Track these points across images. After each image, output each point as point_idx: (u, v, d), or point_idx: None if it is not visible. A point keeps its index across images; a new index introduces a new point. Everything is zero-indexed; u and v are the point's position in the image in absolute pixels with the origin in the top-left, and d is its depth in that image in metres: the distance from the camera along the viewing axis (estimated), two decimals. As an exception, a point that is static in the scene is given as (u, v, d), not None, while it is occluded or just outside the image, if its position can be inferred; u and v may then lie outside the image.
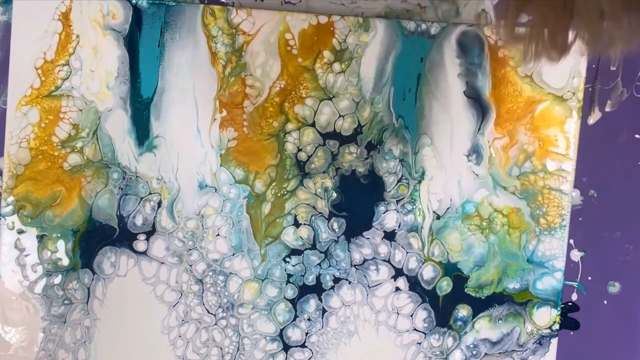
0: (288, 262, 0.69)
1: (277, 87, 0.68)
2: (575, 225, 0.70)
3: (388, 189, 0.69)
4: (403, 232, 0.69)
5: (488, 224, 0.69)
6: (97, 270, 0.68)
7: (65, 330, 0.68)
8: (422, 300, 0.70)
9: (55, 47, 0.67)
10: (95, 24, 0.67)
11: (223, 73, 0.68)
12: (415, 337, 0.70)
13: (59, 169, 0.67)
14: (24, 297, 0.68)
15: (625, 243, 0.70)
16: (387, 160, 0.69)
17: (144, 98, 0.68)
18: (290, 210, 0.69)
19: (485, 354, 0.70)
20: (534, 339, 0.70)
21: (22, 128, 0.67)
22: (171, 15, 0.67)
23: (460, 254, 0.69)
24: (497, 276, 0.70)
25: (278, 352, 0.70)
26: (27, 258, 0.68)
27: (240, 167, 0.68)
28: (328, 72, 0.68)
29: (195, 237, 0.68)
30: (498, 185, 0.69)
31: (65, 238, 0.68)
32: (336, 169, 0.69)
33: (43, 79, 0.67)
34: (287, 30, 0.67)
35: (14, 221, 0.67)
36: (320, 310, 0.69)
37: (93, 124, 0.67)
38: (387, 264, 0.69)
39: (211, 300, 0.69)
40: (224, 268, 0.69)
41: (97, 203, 0.68)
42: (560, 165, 0.69)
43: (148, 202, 0.68)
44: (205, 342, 0.69)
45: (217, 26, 0.67)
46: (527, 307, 0.70)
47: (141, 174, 0.68)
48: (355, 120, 0.68)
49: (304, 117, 0.68)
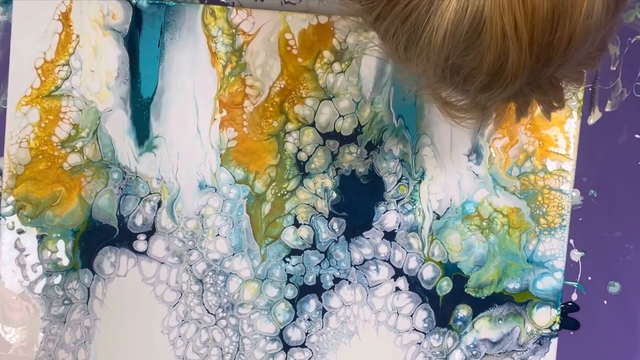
0: (288, 262, 0.69)
1: (277, 87, 0.68)
2: (575, 225, 0.70)
3: (388, 189, 0.69)
4: (403, 232, 0.69)
5: (488, 224, 0.69)
6: (97, 270, 0.68)
7: (65, 330, 0.68)
8: (422, 300, 0.70)
9: (55, 47, 0.67)
10: (95, 24, 0.67)
11: (223, 73, 0.68)
12: (415, 337, 0.70)
13: (59, 169, 0.67)
14: (24, 297, 0.68)
15: (625, 243, 0.70)
16: (387, 160, 0.69)
17: (144, 98, 0.68)
18: (290, 210, 0.69)
19: (485, 354, 0.70)
20: (534, 339, 0.70)
21: (22, 128, 0.67)
22: (171, 15, 0.67)
23: (460, 254, 0.69)
24: (497, 276, 0.70)
25: (278, 352, 0.70)
26: (27, 258, 0.68)
27: (240, 167, 0.68)
28: (328, 72, 0.68)
29: (195, 237, 0.68)
30: (498, 185, 0.69)
31: (65, 238, 0.68)
32: (336, 169, 0.69)
33: (43, 79, 0.67)
34: (287, 30, 0.67)
35: (14, 221, 0.67)
36: (320, 310, 0.69)
37: (93, 124, 0.67)
38: (387, 264, 0.69)
39: (211, 300, 0.69)
40: (224, 268, 0.69)
41: (97, 203, 0.68)
42: (560, 165, 0.69)
43: (148, 202, 0.68)
44: (205, 342, 0.69)
45: (217, 26, 0.67)
46: (527, 307, 0.70)
47: (141, 174, 0.68)
48: (355, 120, 0.68)
49: (304, 117, 0.68)
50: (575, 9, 0.41)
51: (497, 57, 0.42)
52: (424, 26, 0.43)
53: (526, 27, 0.41)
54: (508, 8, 0.40)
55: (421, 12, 0.43)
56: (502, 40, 0.41)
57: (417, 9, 0.43)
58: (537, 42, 0.42)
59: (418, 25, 0.43)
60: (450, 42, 0.43)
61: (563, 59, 0.43)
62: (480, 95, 0.46)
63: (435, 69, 0.45)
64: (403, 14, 0.44)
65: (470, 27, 0.42)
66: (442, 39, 0.42)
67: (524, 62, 0.42)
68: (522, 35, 0.41)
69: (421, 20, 0.43)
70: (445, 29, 0.42)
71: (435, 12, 0.42)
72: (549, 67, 0.44)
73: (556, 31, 0.42)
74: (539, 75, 0.45)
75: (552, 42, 0.42)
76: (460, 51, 0.43)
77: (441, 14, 0.42)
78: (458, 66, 0.44)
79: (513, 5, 0.40)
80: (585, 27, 0.42)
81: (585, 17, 0.42)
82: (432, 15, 0.42)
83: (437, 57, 0.44)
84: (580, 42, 0.43)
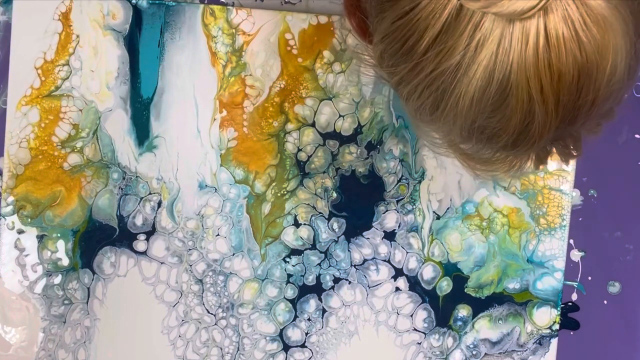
0: (288, 262, 0.69)
1: (277, 87, 0.68)
2: (575, 225, 0.70)
3: (388, 189, 0.69)
4: (403, 232, 0.69)
5: (488, 224, 0.69)
6: (97, 270, 0.68)
7: (65, 330, 0.68)
8: (422, 300, 0.70)
9: (55, 47, 0.67)
10: (95, 24, 0.67)
11: (223, 73, 0.68)
12: (415, 337, 0.70)
13: (59, 169, 0.67)
14: (24, 297, 0.68)
15: (625, 243, 0.70)
16: (387, 160, 0.69)
17: (144, 98, 0.68)
18: (290, 210, 0.69)
19: (485, 354, 0.70)
20: (534, 339, 0.70)
21: (22, 128, 0.67)
22: (171, 15, 0.67)
23: (460, 254, 0.69)
24: (497, 276, 0.70)
25: (278, 352, 0.70)
26: (27, 258, 0.68)
27: (240, 167, 0.68)
28: (328, 72, 0.68)
29: (195, 237, 0.68)
30: (498, 185, 0.69)
31: (65, 238, 0.68)
32: (336, 169, 0.69)
33: (43, 79, 0.67)
34: (287, 30, 0.67)
35: (14, 221, 0.67)
36: (320, 310, 0.69)
37: (93, 124, 0.67)
38: (387, 264, 0.69)
39: (211, 300, 0.69)
40: (224, 268, 0.69)
41: (97, 203, 0.68)
42: (560, 165, 0.69)
43: (148, 202, 0.68)
44: (205, 342, 0.69)
45: (217, 26, 0.67)
46: (527, 307, 0.70)
47: (141, 174, 0.68)
48: (355, 120, 0.68)
49: (304, 117, 0.68)
50: (599, 72, 0.41)
51: (523, 118, 0.42)
52: (451, 91, 0.43)
53: (552, 90, 0.41)
54: (534, 73, 0.41)
55: (447, 78, 0.42)
56: (529, 103, 0.42)
57: (443, 75, 0.42)
58: (563, 104, 0.42)
59: (444, 90, 0.43)
60: (477, 106, 0.43)
61: (587, 117, 0.44)
62: (504, 152, 0.47)
63: (460, 130, 0.45)
64: (428, 80, 0.43)
65: (497, 92, 0.42)
66: (469, 104, 0.43)
67: (550, 122, 0.42)
68: (548, 99, 0.41)
69: (447, 86, 0.43)
70: (472, 94, 0.42)
71: (462, 79, 0.42)
72: (574, 125, 0.44)
73: (581, 93, 0.42)
74: (563, 133, 0.45)
75: (577, 103, 0.42)
76: (487, 114, 0.43)
77: (468, 80, 0.42)
78: (483, 127, 0.44)
79: (539, 71, 0.41)
80: (609, 88, 0.43)
81: (609, 79, 0.42)
82: (459, 82, 0.42)
83: (463, 120, 0.44)
84: (603, 101, 0.43)
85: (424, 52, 0.43)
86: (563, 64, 0.41)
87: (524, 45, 0.40)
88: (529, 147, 0.45)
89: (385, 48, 0.46)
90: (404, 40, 0.44)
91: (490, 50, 0.41)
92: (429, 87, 0.44)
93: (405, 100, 0.47)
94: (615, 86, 0.43)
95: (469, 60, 0.41)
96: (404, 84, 0.46)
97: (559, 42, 0.40)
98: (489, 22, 0.40)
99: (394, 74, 0.46)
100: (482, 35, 0.41)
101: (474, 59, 0.41)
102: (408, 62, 0.44)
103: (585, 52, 0.41)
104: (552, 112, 0.42)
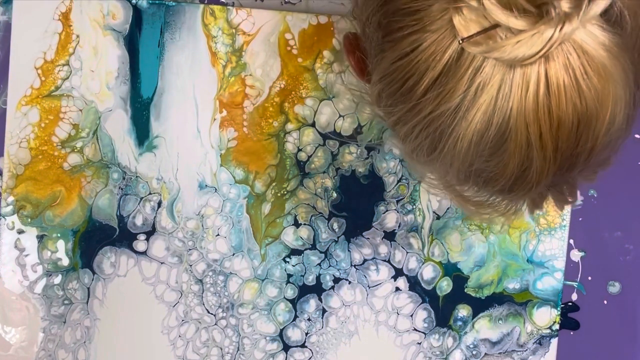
0: (288, 262, 0.69)
1: (277, 87, 0.68)
2: (575, 225, 0.70)
3: (388, 189, 0.69)
4: (403, 232, 0.69)
5: (488, 224, 0.69)
6: (97, 270, 0.68)
7: (65, 330, 0.68)
8: (422, 300, 0.70)
9: (55, 47, 0.67)
10: (95, 24, 0.67)
11: (223, 73, 0.68)
12: (415, 337, 0.70)
13: (59, 169, 0.67)
14: (24, 297, 0.68)
15: (625, 243, 0.70)
16: (387, 160, 0.69)
17: (144, 98, 0.68)
18: (290, 210, 0.69)
19: (485, 354, 0.70)
20: (534, 339, 0.70)
21: (22, 128, 0.67)
22: (171, 15, 0.67)
23: (460, 254, 0.69)
24: (497, 276, 0.70)
25: (278, 352, 0.70)
26: (27, 258, 0.68)
27: (240, 167, 0.68)
28: (328, 72, 0.68)
29: (195, 237, 0.68)
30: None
31: (65, 238, 0.68)
32: (336, 169, 0.69)
33: (43, 79, 0.67)
34: (287, 30, 0.67)
35: (14, 221, 0.67)
36: (320, 310, 0.69)
37: (93, 124, 0.67)
38: (387, 264, 0.69)
39: (211, 300, 0.69)
40: (224, 268, 0.69)
41: (97, 203, 0.68)
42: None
43: (148, 202, 0.68)
44: (205, 342, 0.69)
45: (217, 26, 0.67)
46: (527, 307, 0.70)
47: (141, 174, 0.68)
48: (355, 120, 0.68)
49: (304, 117, 0.68)
50: (599, 120, 0.41)
51: (520, 163, 0.42)
52: (449, 134, 0.43)
53: (551, 137, 0.41)
54: (534, 119, 0.40)
55: (446, 120, 0.42)
56: (527, 149, 0.41)
57: (442, 117, 0.42)
58: (561, 151, 0.42)
59: (442, 132, 0.43)
60: (475, 150, 0.43)
61: (584, 165, 0.44)
62: (500, 196, 0.46)
63: (457, 173, 0.45)
64: (426, 121, 0.43)
65: (495, 136, 0.42)
66: (467, 147, 0.42)
67: (548, 169, 0.42)
68: (546, 145, 0.41)
69: (446, 128, 0.43)
70: (470, 138, 0.42)
71: (461, 121, 0.42)
72: (571, 172, 0.44)
73: (580, 141, 0.42)
74: (561, 180, 0.45)
75: (576, 151, 0.42)
76: (485, 158, 0.43)
77: (467, 124, 0.42)
78: (480, 170, 0.44)
79: (539, 117, 0.40)
80: (607, 137, 0.43)
81: (607, 128, 0.42)
82: (458, 124, 0.42)
83: (460, 163, 0.44)
84: (602, 150, 0.43)
85: (423, 93, 0.42)
86: (563, 111, 0.40)
87: (524, 91, 0.40)
88: (526, 192, 0.44)
89: (383, 88, 0.45)
90: (404, 80, 0.43)
91: (490, 94, 0.41)
92: (427, 129, 0.44)
93: (402, 140, 0.47)
94: (614, 135, 0.43)
95: (468, 103, 0.41)
96: (402, 124, 0.45)
97: (559, 90, 0.40)
98: (490, 67, 0.40)
99: (392, 113, 0.46)
100: (483, 80, 0.40)
101: (474, 103, 0.41)
102: (406, 103, 0.44)
103: (585, 100, 0.40)
104: (550, 159, 0.42)
